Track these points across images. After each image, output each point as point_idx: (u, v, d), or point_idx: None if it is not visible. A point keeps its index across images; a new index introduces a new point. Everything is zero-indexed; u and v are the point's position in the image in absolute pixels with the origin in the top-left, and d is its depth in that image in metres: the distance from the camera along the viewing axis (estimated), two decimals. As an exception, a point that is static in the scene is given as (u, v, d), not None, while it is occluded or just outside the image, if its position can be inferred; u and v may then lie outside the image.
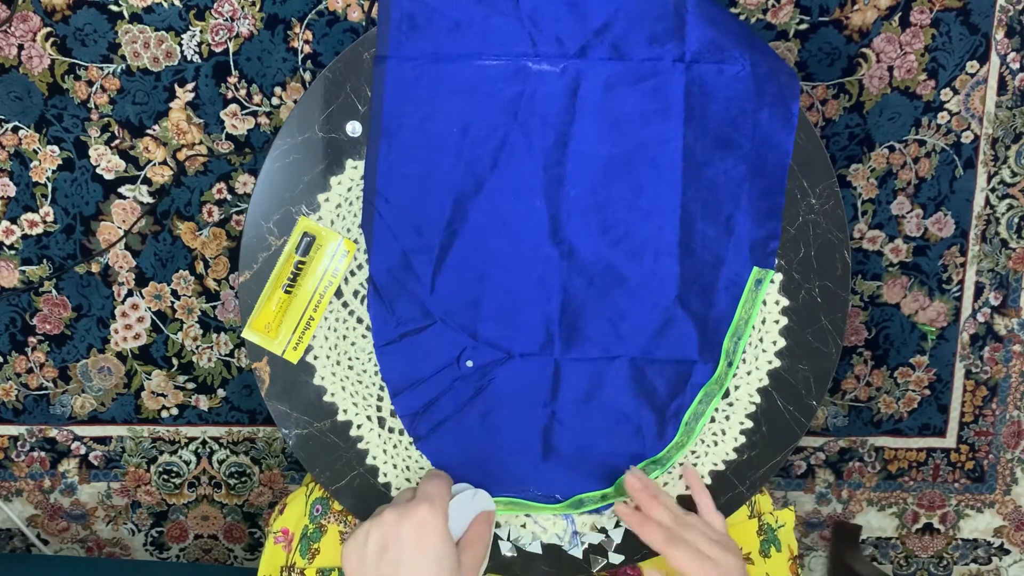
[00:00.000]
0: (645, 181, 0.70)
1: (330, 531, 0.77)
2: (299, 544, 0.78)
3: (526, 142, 0.69)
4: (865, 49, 1.12)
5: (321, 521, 0.78)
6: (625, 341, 0.72)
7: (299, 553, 0.78)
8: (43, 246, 1.15)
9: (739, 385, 0.74)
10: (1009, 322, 1.22)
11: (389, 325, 0.71)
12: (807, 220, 0.72)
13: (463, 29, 0.68)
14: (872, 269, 1.20)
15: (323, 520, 0.78)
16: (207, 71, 1.10)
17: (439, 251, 0.70)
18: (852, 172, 1.16)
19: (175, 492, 1.26)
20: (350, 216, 0.70)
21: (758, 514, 0.82)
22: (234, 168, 1.13)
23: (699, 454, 0.74)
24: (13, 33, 1.08)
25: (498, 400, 0.72)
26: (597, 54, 0.68)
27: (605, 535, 0.75)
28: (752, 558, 0.79)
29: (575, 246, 0.70)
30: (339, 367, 0.72)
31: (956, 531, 1.32)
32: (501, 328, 0.71)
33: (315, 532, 0.78)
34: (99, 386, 1.20)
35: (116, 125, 1.11)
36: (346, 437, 0.73)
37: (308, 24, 1.09)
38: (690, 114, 0.69)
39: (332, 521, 0.78)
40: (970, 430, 1.26)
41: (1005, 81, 1.14)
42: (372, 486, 0.74)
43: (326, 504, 0.79)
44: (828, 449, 1.27)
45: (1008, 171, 1.17)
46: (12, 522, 1.25)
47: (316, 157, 0.70)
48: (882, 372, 1.23)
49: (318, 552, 0.77)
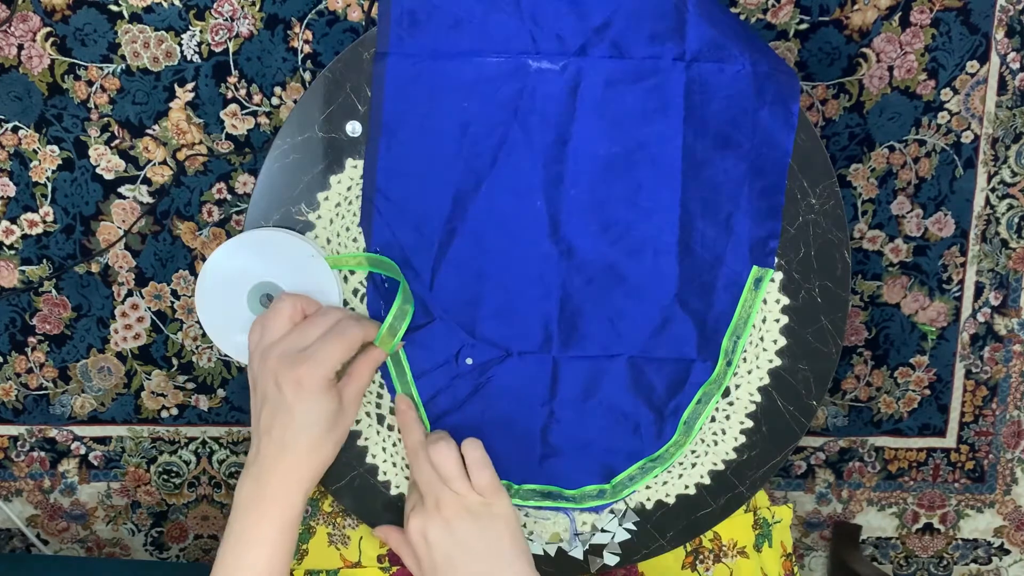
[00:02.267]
0: (645, 180, 0.70)
1: (319, 533, 0.77)
2: None
3: (526, 140, 0.69)
4: (865, 49, 1.12)
5: (310, 522, 0.78)
6: (624, 340, 0.72)
7: None
8: (43, 246, 1.15)
9: (739, 384, 0.74)
10: (1009, 322, 1.22)
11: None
12: (807, 220, 0.72)
13: (463, 26, 0.68)
14: (872, 269, 1.20)
15: (311, 521, 0.78)
16: (207, 71, 1.10)
17: (438, 249, 0.70)
18: (852, 172, 1.16)
19: (175, 492, 1.26)
20: (350, 215, 0.70)
21: (754, 508, 0.82)
22: (234, 168, 1.13)
23: (699, 453, 0.74)
24: (13, 33, 1.08)
25: (496, 398, 0.72)
26: (597, 52, 0.68)
27: (605, 534, 0.75)
28: (747, 552, 0.79)
29: (574, 244, 0.70)
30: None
31: (956, 531, 1.32)
32: (500, 326, 0.71)
33: (303, 533, 0.78)
34: (99, 386, 1.20)
35: (116, 125, 1.11)
36: (346, 436, 0.73)
37: (308, 24, 1.09)
38: (690, 113, 0.69)
39: (321, 522, 0.78)
40: (970, 430, 1.26)
41: (1005, 81, 1.14)
42: (372, 486, 0.73)
43: (315, 505, 0.79)
44: (828, 449, 1.27)
45: (1008, 171, 1.17)
46: (12, 522, 1.25)
47: (316, 157, 0.70)
48: (882, 372, 1.23)
49: (306, 553, 0.77)
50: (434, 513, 0.64)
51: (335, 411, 0.63)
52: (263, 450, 0.63)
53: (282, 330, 0.64)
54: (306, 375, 0.61)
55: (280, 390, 0.62)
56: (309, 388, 0.61)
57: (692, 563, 0.78)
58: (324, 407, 0.62)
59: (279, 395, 0.62)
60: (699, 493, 0.75)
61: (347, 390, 0.66)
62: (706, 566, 0.78)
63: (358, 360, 0.67)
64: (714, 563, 0.78)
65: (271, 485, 0.63)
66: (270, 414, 0.63)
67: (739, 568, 0.79)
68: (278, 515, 0.63)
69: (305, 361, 0.61)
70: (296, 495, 0.63)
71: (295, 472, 0.63)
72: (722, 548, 0.79)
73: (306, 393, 0.61)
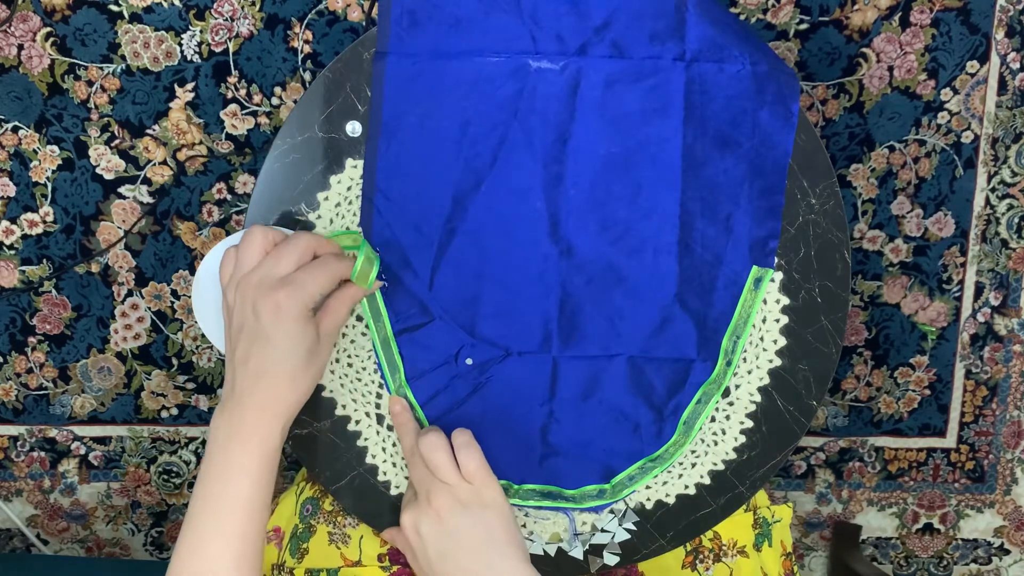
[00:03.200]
0: (645, 179, 0.70)
1: (319, 531, 0.77)
2: (289, 543, 0.78)
3: (526, 140, 0.69)
4: (865, 49, 1.12)
5: (311, 521, 0.78)
6: (624, 339, 0.72)
7: (289, 552, 0.78)
8: (43, 246, 1.15)
9: (739, 384, 0.74)
10: (1009, 322, 1.22)
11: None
12: (807, 220, 0.72)
13: (464, 25, 0.68)
14: (872, 269, 1.20)
15: (312, 520, 0.78)
16: (207, 71, 1.10)
17: (438, 248, 0.70)
18: (852, 172, 1.16)
19: (175, 492, 1.26)
20: (350, 215, 0.70)
21: (754, 508, 0.82)
22: (234, 168, 1.13)
23: (699, 453, 0.74)
24: (13, 33, 1.08)
25: (496, 398, 0.72)
26: (597, 52, 0.68)
27: (604, 533, 0.75)
28: (747, 551, 0.79)
29: (574, 244, 0.70)
30: (337, 364, 0.72)
31: (956, 531, 1.32)
32: (499, 326, 0.71)
33: (304, 532, 0.78)
34: (99, 386, 1.20)
35: (116, 125, 1.11)
36: (345, 436, 0.73)
37: (308, 24, 1.09)
38: (690, 113, 0.69)
39: (321, 521, 0.78)
40: (970, 430, 1.26)
41: (1005, 81, 1.14)
42: (372, 486, 0.73)
43: (316, 504, 0.78)
44: (828, 449, 1.27)
45: (1008, 171, 1.17)
46: (12, 522, 1.25)
47: (316, 157, 0.70)
48: (882, 372, 1.23)
49: (307, 552, 0.77)
50: (425, 506, 0.64)
51: (313, 343, 0.62)
52: (239, 383, 0.61)
53: (256, 259, 0.62)
54: (285, 299, 0.60)
55: (258, 318, 0.60)
56: (288, 313, 0.60)
57: (692, 562, 0.78)
58: (303, 335, 0.61)
59: (256, 323, 0.60)
60: (699, 493, 0.75)
61: (324, 323, 0.64)
62: (706, 565, 0.78)
63: (335, 295, 0.66)
64: (714, 562, 0.78)
65: (248, 419, 0.61)
66: (246, 345, 0.61)
67: (739, 567, 0.79)
68: (258, 446, 0.61)
69: (285, 286, 0.60)
70: (275, 428, 0.62)
71: (273, 404, 0.61)
72: (722, 547, 0.79)
73: (285, 318, 0.60)
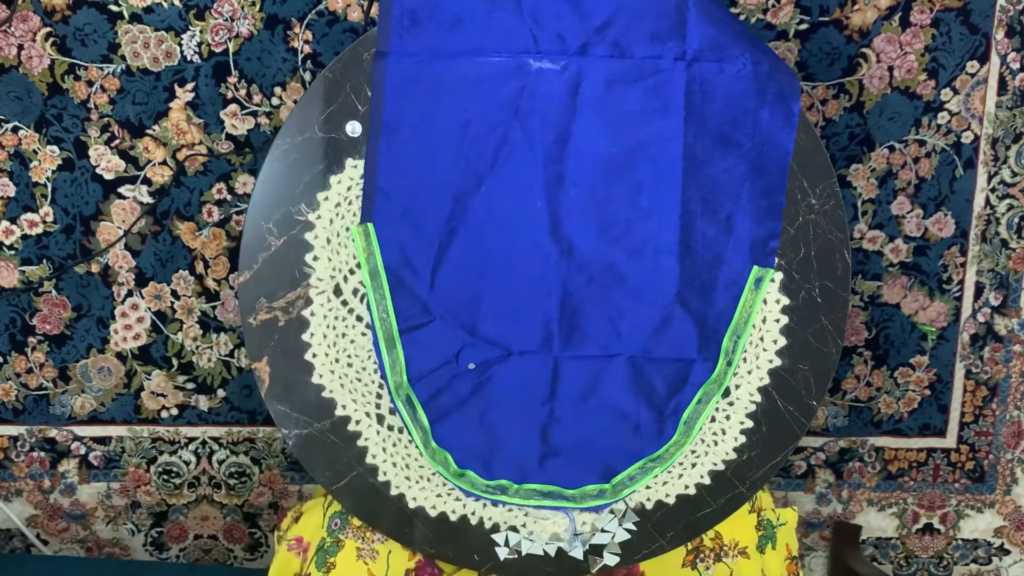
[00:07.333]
0: (645, 179, 0.70)
1: (347, 546, 0.77)
2: (315, 556, 0.78)
3: (526, 139, 0.69)
4: (865, 49, 1.12)
5: (339, 536, 0.78)
6: (624, 339, 0.72)
7: (315, 565, 0.78)
8: (43, 246, 1.15)
9: (739, 384, 0.74)
10: (1009, 322, 1.22)
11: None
12: (807, 220, 0.72)
13: (464, 25, 0.68)
14: (872, 269, 1.20)
15: (341, 535, 0.78)
16: (207, 71, 1.10)
17: (439, 248, 0.70)
18: (852, 172, 1.16)
19: (175, 492, 1.26)
20: (349, 215, 0.70)
21: (758, 509, 0.82)
22: (234, 168, 1.13)
23: (699, 454, 0.74)
24: (13, 33, 1.08)
25: (497, 398, 0.72)
26: (598, 51, 0.68)
27: (604, 533, 0.75)
28: (748, 552, 0.79)
29: (575, 244, 0.70)
30: (338, 364, 0.72)
31: (956, 531, 1.32)
32: (500, 325, 0.71)
33: (332, 546, 0.77)
34: (99, 386, 1.20)
35: (116, 125, 1.11)
36: (346, 437, 0.73)
37: (308, 24, 1.09)
38: (691, 112, 0.69)
39: (350, 536, 0.77)
40: (970, 430, 1.26)
41: (1005, 81, 1.14)
42: (372, 486, 0.73)
43: (345, 519, 0.78)
44: (828, 449, 1.27)
45: (1008, 171, 1.17)
46: (12, 522, 1.25)
47: (316, 157, 0.70)
48: (882, 372, 1.23)
49: (334, 566, 0.77)
50: None
51: None
52: None
53: None
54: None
55: None
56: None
57: (693, 561, 0.78)
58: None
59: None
60: (699, 493, 0.75)
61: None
62: (706, 565, 0.78)
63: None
64: (715, 562, 0.78)
65: None
66: None
67: (739, 568, 0.79)
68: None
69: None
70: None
71: None
72: (723, 547, 0.79)
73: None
